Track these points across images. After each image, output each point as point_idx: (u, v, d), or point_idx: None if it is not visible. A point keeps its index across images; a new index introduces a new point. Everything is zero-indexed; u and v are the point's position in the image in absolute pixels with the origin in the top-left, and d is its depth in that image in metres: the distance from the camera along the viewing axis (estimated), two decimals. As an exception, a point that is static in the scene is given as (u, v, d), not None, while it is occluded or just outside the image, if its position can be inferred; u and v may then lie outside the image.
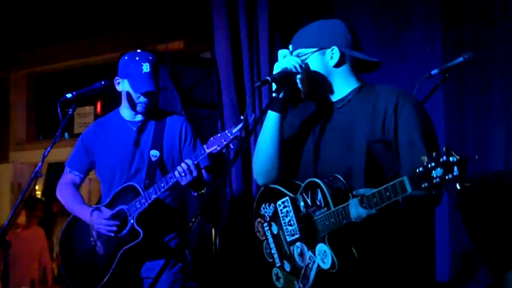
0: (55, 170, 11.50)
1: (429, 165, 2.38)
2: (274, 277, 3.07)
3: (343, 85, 2.96)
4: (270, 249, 3.06)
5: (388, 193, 2.56)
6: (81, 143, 4.34)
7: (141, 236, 3.97)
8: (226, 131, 3.73)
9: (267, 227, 3.07)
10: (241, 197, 5.18)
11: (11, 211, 4.14)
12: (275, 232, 3.03)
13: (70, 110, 4.18)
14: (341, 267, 2.75)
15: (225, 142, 3.72)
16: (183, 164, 3.82)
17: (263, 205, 3.08)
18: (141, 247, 4.00)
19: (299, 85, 2.95)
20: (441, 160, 2.35)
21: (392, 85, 3.01)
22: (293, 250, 2.95)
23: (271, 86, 2.87)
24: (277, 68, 2.89)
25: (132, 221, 4.00)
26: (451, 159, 2.33)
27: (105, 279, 4.04)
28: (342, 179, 2.81)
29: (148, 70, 4.06)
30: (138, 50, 4.21)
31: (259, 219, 3.11)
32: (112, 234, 4.02)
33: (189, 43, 8.14)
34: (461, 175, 2.32)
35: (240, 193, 5.18)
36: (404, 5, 5.41)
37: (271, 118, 2.94)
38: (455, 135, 5.17)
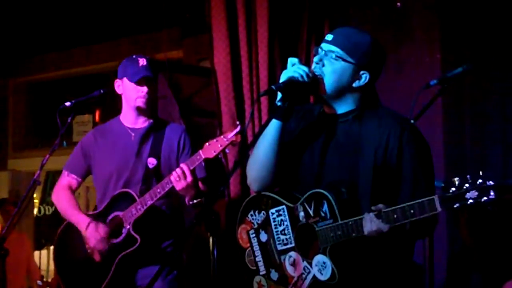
0: (53, 178, 11.50)
1: (464, 187, 2.41)
2: (255, 285, 3.03)
3: (349, 101, 2.95)
4: (255, 256, 3.02)
5: (412, 211, 2.57)
6: (80, 147, 4.36)
7: (139, 242, 3.96)
8: (222, 136, 3.73)
9: (254, 235, 3.03)
10: (240, 206, 5.16)
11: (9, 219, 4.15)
12: (263, 240, 3.00)
13: (69, 118, 4.19)
14: (341, 280, 2.74)
15: (221, 147, 3.72)
16: (178, 169, 3.83)
17: (251, 212, 3.06)
18: (138, 253, 4.00)
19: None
20: (477, 182, 2.39)
21: (391, 95, 3.01)
22: (284, 259, 2.92)
23: (273, 95, 2.85)
24: (284, 76, 2.84)
25: (128, 227, 4.00)
26: (488, 182, 2.38)
27: (103, 286, 4.03)
28: (346, 192, 2.81)
29: (145, 63, 4.13)
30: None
31: (244, 225, 3.09)
32: (97, 249, 4.03)
33: (188, 52, 8.14)
34: (497, 199, 2.37)
35: (239, 202, 5.17)
36: (403, 15, 5.42)
37: (273, 125, 2.91)
38: (453, 147, 5.18)
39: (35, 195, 10.59)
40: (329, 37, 2.92)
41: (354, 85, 2.91)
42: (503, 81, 5.10)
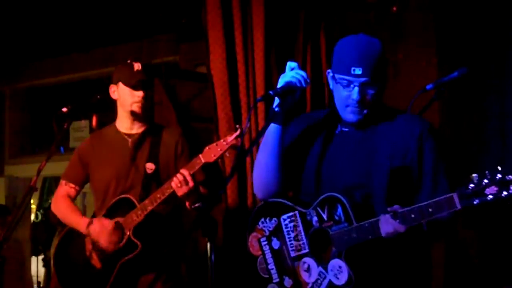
0: (50, 184, 11.50)
1: (483, 182, 2.40)
2: None
3: None
4: (267, 264, 2.98)
5: (430, 209, 2.55)
6: (77, 155, 4.34)
7: (140, 248, 3.95)
8: (222, 140, 3.73)
9: (265, 242, 3.00)
10: (237, 212, 5.17)
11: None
12: (275, 247, 2.97)
13: (66, 124, 4.18)
14: (358, 283, 2.72)
15: (221, 151, 3.72)
16: (179, 175, 3.81)
17: (262, 219, 3.02)
18: (139, 259, 3.98)
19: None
20: (496, 177, 2.38)
21: (387, 99, 3.00)
22: (298, 266, 2.89)
23: (269, 100, 2.84)
24: (281, 81, 2.84)
25: (128, 233, 3.99)
26: (507, 177, 2.36)
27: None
28: (360, 195, 2.80)
29: (140, 68, 4.12)
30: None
31: (254, 234, 3.04)
32: (112, 246, 4.01)
33: (185, 57, 8.15)
34: None
35: (236, 208, 5.17)
36: (399, 19, 5.44)
37: (272, 130, 2.90)
38: (450, 145, 5.18)
39: (32, 201, 10.60)
40: (357, 71, 2.79)
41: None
42: (501, 78, 5.10)
